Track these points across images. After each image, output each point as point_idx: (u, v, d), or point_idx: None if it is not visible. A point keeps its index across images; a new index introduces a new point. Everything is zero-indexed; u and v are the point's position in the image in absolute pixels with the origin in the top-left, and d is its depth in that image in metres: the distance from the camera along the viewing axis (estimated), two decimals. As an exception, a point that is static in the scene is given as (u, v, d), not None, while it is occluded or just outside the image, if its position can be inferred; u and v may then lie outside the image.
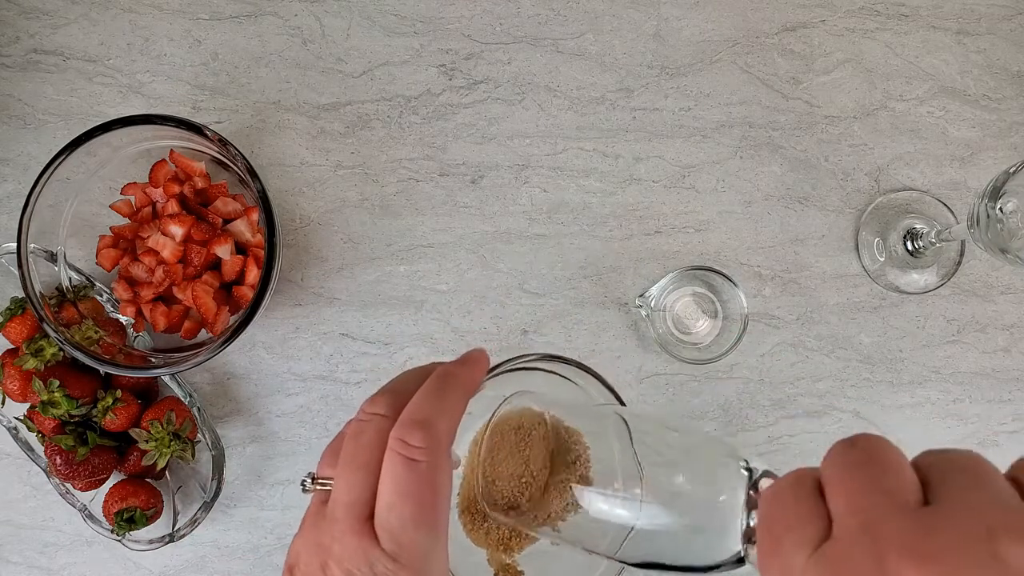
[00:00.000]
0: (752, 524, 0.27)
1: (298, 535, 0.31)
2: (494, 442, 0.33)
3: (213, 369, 0.61)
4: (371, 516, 0.28)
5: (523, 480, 0.32)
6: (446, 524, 0.29)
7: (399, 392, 0.31)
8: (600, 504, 0.31)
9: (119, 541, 0.57)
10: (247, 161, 0.54)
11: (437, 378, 0.31)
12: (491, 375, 0.38)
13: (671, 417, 0.37)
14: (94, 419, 0.56)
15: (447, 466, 0.30)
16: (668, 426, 0.33)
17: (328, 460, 0.31)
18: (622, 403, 0.41)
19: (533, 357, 0.40)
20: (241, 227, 0.58)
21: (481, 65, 0.63)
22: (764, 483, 0.28)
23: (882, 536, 0.18)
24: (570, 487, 0.31)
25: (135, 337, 0.59)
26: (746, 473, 0.28)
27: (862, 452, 0.20)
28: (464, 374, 0.32)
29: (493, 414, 0.34)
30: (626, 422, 0.32)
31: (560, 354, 0.41)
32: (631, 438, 0.31)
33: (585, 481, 0.31)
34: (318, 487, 0.31)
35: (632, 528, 0.30)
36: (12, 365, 0.55)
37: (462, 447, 0.38)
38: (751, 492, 0.27)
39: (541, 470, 0.32)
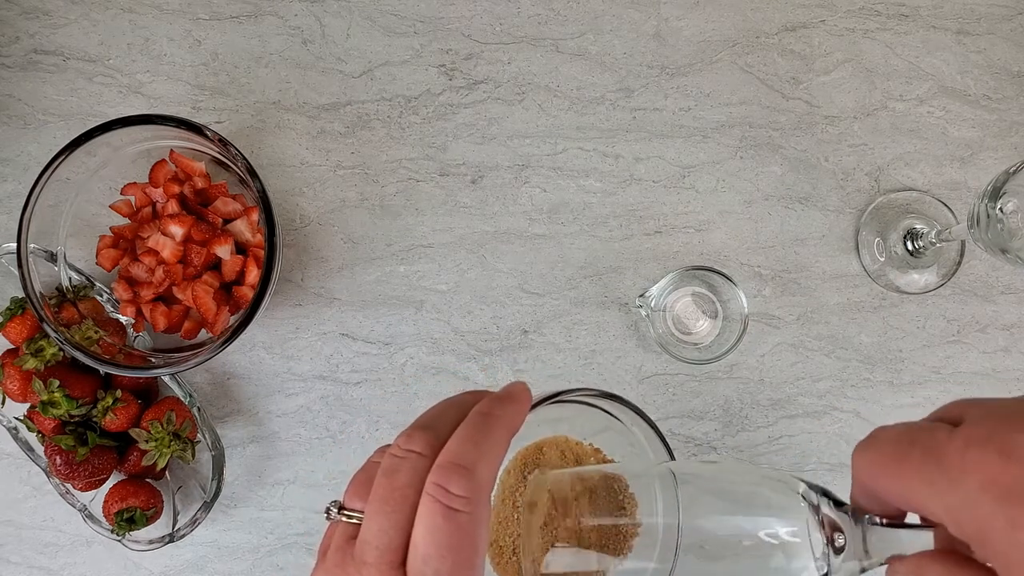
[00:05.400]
0: (833, 544, 0.27)
1: (321, 568, 0.29)
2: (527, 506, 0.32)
3: (213, 369, 0.61)
4: (403, 562, 0.27)
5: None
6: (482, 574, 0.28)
7: (437, 429, 0.30)
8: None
9: (119, 541, 0.57)
10: (247, 161, 0.54)
11: (479, 416, 0.30)
12: (534, 407, 0.37)
13: (719, 470, 0.36)
14: (94, 419, 0.56)
15: (487, 517, 0.28)
16: (713, 488, 0.32)
17: (356, 491, 0.30)
18: (668, 448, 0.40)
19: (592, 393, 0.39)
20: (241, 227, 0.58)
21: (481, 65, 0.63)
22: (824, 505, 0.28)
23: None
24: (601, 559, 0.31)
25: (135, 337, 0.59)
26: (804, 504, 0.28)
27: None
28: (507, 414, 0.30)
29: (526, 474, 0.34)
30: (676, 492, 0.31)
31: (617, 393, 0.40)
32: (679, 509, 0.30)
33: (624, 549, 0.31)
34: (343, 518, 0.29)
35: None
36: (12, 365, 0.55)
37: None
38: (816, 516, 0.28)
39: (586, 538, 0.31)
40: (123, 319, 0.58)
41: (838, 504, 0.28)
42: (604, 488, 0.32)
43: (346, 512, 0.30)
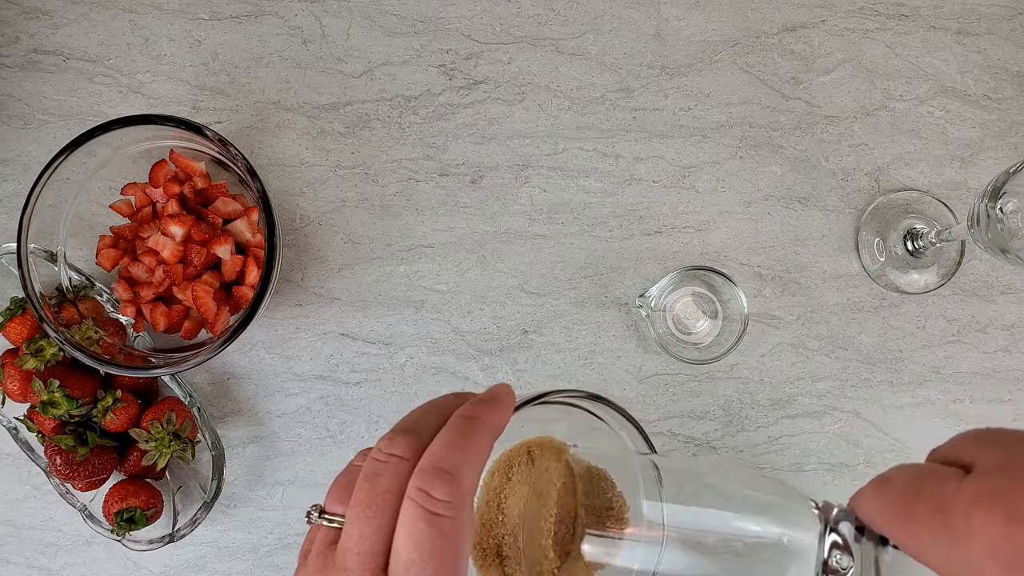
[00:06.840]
0: (833, 561, 0.27)
1: (302, 572, 0.29)
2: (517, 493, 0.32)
3: (213, 369, 0.61)
4: (385, 567, 0.27)
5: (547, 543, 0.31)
6: None
7: (419, 432, 0.29)
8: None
9: (119, 541, 0.57)
10: (247, 161, 0.54)
11: (461, 420, 0.29)
12: (517, 409, 0.36)
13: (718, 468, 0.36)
14: (94, 419, 0.56)
15: (470, 522, 0.28)
16: (702, 489, 0.32)
17: (337, 495, 0.30)
18: (653, 450, 0.40)
19: (577, 394, 0.38)
20: (241, 227, 0.58)
21: (481, 65, 0.63)
22: (843, 524, 0.28)
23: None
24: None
25: (135, 337, 0.59)
26: (817, 512, 0.28)
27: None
28: (490, 417, 0.30)
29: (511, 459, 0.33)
30: (659, 477, 0.31)
31: (603, 395, 0.39)
32: (660, 493, 0.30)
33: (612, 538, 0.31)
34: (324, 522, 0.29)
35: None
36: (12, 365, 0.55)
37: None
38: (827, 532, 0.27)
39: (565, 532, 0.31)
40: (123, 319, 0.58)
41: (858, 527, 0.28)
42: (591, 482, 0.32)
43: (327, 516, 0.29)
